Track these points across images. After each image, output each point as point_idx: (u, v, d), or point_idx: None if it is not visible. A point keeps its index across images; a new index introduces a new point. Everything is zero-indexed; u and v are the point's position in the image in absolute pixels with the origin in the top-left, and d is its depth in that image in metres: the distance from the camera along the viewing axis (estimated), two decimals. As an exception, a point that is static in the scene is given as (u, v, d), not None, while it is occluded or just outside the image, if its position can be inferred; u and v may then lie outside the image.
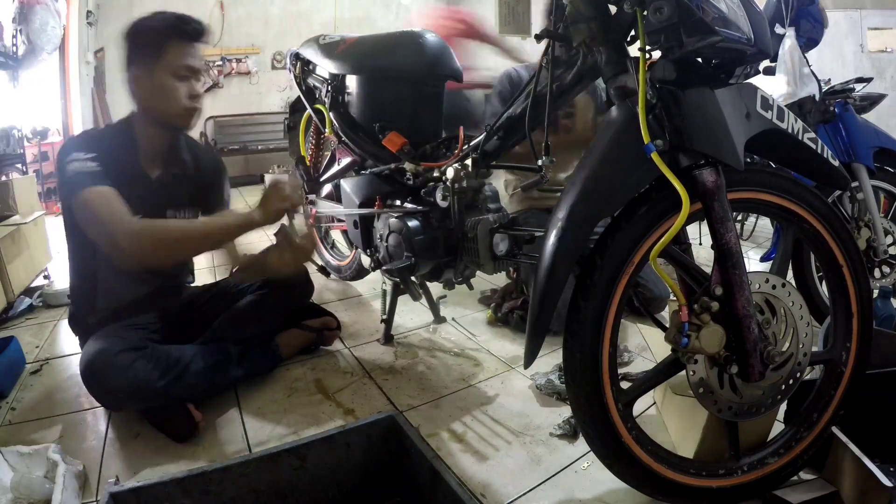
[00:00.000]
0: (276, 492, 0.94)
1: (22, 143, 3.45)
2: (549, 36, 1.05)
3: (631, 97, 0.88)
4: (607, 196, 0.89)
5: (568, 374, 0.93)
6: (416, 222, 1.43)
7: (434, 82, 1.68)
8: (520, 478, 1.12)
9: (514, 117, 1.25)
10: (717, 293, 0.88)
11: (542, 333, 0.91)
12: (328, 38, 1.84)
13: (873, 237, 1.75)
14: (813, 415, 1.04)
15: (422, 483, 0.93)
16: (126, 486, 0.84)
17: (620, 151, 0.88)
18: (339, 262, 2.27)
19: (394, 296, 1.74)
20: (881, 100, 2.04)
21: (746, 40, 0.83)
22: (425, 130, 1.64)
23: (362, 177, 1.68)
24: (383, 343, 1.75)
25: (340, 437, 0.98)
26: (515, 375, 1.54)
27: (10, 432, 1.28)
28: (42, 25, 3.51)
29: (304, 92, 1.98)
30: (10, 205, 2.55)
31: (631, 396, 0.96)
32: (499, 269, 1.35)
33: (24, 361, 1.61)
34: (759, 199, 0.95)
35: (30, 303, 2.12)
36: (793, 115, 0.93)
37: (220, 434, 1.28)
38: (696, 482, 0.97)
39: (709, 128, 0.85)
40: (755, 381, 0.90)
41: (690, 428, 1.11)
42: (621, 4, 0.91)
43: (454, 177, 1.35)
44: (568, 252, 0.88)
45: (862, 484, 0.92)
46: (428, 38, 1.63)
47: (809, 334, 0.96)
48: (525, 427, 1.29)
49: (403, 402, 1.41)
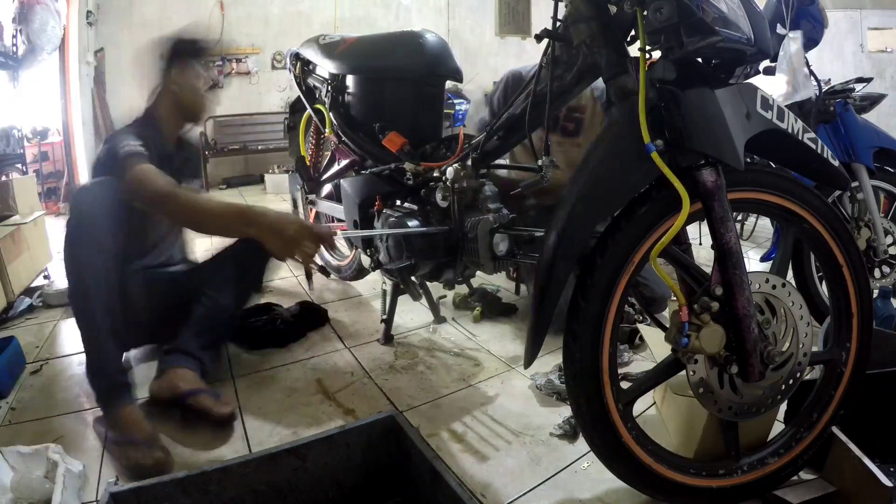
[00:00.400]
0: (276, 492, 0.94)
1: (22, 143, 3.45)
2: (549, 36, 1.05)
3: (631, 97, 0.88)
4: (607, 196, 0.89)
5: (568, 374, 0.93)
6: (416, 222, 1.43)
7: (434, 82, 1.68)
8: (520, 478, 1.12)
9: (514, 117, 1.25)
10: (718, 293, 0.88)
11: (543, 333, 0.91)
12: (328, 38, 1.84)
13: (873, 237, 1.75)
14: (813, 415, 1.04)
15: (422, 483, 0.93)
16: (126, 486, 0.84)
17: (620, 151, 0.88)
18: (339, 262, 2.27)
19: (394, 296, 1.74)
20: (881, 100, 2.04)
21: (746, 40, 0.83)
22: (425, 130, 1.64)
23: (362, 177, 1.68)
24: (383, 343, 1.75)
25: (340, 437, 0.98)
26: (515, 375, 1.54)
27: (10, 432, 1.28)
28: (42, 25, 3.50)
29: (304, 92, 1.98)
30: (10, 205, 2.55)
31: (631, 396, 0.96)
32: (499, 269, 1.35)
33: (24, 361, 1.61)
34: (760, 199, 0.95)
35: (30, 303, 2.12)
36: (793, 115, 0.93)
37: (221, 434, 1.27)
38: (696, 482, 0.97)
39: (709, 128, 0.85)
40: (755, 381, 0.90)
41: (690, 428, 1.11)
42: (621, 4, 0.91)
43: (454, 177, 1.35)
44: (568, 252, 0.88)
45: (862, 484, 0.92)
46: (428, 38, 1.63)
47: (809, 334, 0.96)
48: (525, 427, 1.29)
49: (403, 402, 1.41)
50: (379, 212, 1.57)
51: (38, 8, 3.45)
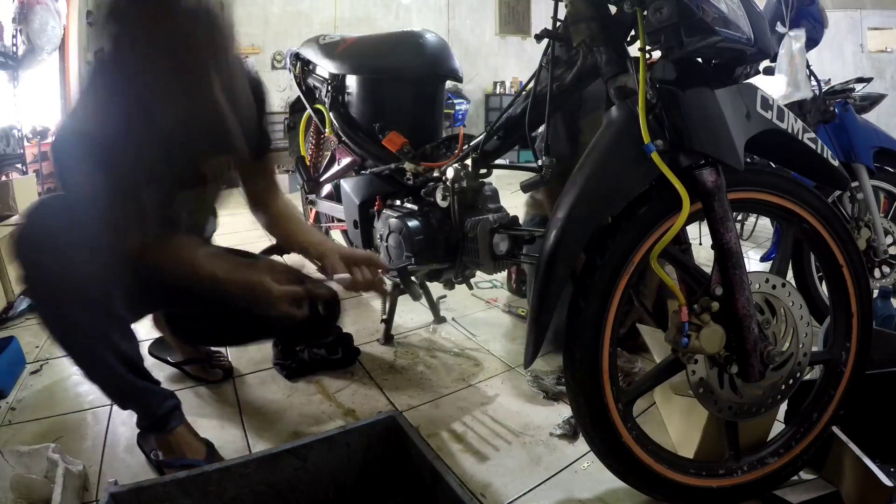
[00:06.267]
0: (276, 492, 0.94)
1: (22, 143, 3.45)
2: (549, 36, 1.05)
3: (631, 97, 0.88)
4: (607, 196, 0.89)
5: (568, 374, 0.93)
6: (416, 222, 1.43)
7: (434, 82, 1.68)
8: (520, 478, 1.12)
9: (513, 117, 1.25)
10: (717, 293, 0.88)
11: (543, 333, 0.91)
12: (328, 38, 1.84)
13: (873, 237, 1.75)
14: (813, 415, 1.04)
15: (422, 483, 0.93)
16: (126, 486, 0.84)
17: (620, 151, 0.88)
18: (339, 262, 2.26)
19: (394, 296, 1.74)
20: (881, 100, 2.05)
21: (746, 40, 0.83)
22: (425, 130, 1.64)
23: (362, 177, 1.68)
24: (383, 343, 1.75)
25: (341, 437, 0.98)
26: (515, 375, 1.54)
27: (10, 432, 1.28)
28: (42, 25, 3.50)
29: (304, 92, 1.98)
30: (10, 205, 2.55)
31: (631, 396, 0.96)
32: (499, 269, 1.35)
33: (24, 361, 1.61)
34: (759, 199, 0.95)
35: (30, 303, 2.12)
36: (793, 115, 0.93)
37: (221, 434, 1.28)
38: (696, 482, 0.97)
39: (709, 128, 0.85)
40: (755, 380, 0.90)
41: (690, 428, 1.11)
42: (621, 4, 0.91)
43: (454, 177, 1.35)
44: (568, 252, 0.88)
45: (862, 484, 0.92)
46: (428, 38, 1.63)
47: (809, 334, 0.96)
48: (525, 427, 1.29)
49: (403, 402, 1.41)
50: (379, 212, 1.57)
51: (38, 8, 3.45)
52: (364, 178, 1.67)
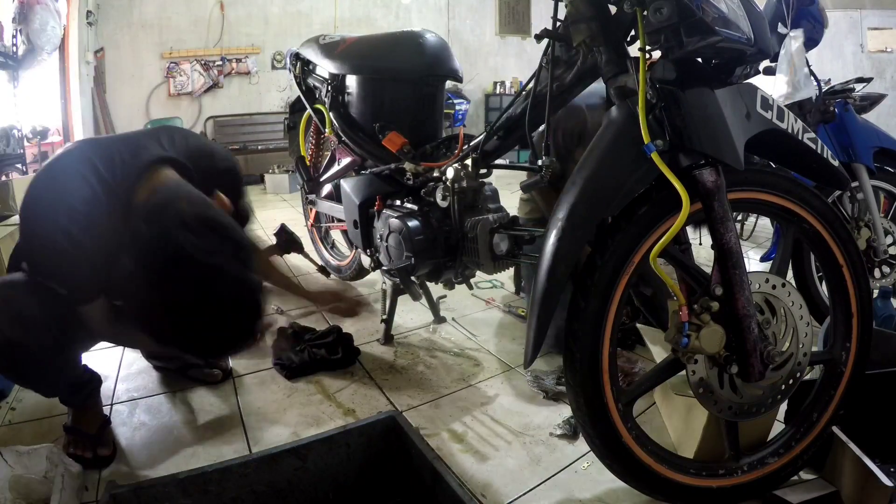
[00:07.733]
0: (276, 492, 0.94)
1: (22, 143, 3.44)
2: (549, 36, 1.05)
3: (631, 97, 0.88)
4: (607, 196, 0.89)
5: (568, 374, 0.93)
6: (416, 222, 1.43)
7: (434, 82, 1.68)
8: (520, 478, 1.12)
9: (513, 117, 1.25)
10: (717, 293, 0.88)
11: (543, 333, 0.91)
12: (328, 38, 1.84)
13: (873, 237, 1.75)
14: (813, 415, 1.04)
15: (422, 483, 0.93)
16: (126, 486, 0.84)
17: (620, 151, 0.88)
18: (339, 262, 2.27)
19: (394, 296, 1.74)
20: (881, 100, 2.04)
21: (746, 40, 0.83)
22: (425, 130, 1.64)
23: (362, 177, 1.68)
24: (383, 343, 1.75)
25: (341, 437, 0.98)
26: (515, 375, 1.54)
27: (9, 432, 1.28)
28: (42, 25, 3.50)
29: (304, 92, 1.98)
30: (10, 205, 2.54)
31: (631, 396, 0.96)
32: (499, 269, 1.35)
33: (24, 361, 1.61)
34: (759, 199, 0.95)
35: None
36: (793, 115, 0.93)
37: (221, 434, 1.27)
38: (696, 482, 0.97)
39: (709, 128, 0.85)
40: (755, 381, 0.90)
41: (690, 428, 1.11)
42: (621, 4, 0.91)
43: (454, 177, 1.35)
44: (568, 252, 0.88)
45: (862, 484, 0.92)
46: (428, 37, 1.63)
47: (809, 334, 0.96)
48: (525, 427, 1.29)
49: (403, 402, 1.41)
50: (379, 212, 1.57)
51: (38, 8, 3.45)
52: (364, 178, 1.67)
